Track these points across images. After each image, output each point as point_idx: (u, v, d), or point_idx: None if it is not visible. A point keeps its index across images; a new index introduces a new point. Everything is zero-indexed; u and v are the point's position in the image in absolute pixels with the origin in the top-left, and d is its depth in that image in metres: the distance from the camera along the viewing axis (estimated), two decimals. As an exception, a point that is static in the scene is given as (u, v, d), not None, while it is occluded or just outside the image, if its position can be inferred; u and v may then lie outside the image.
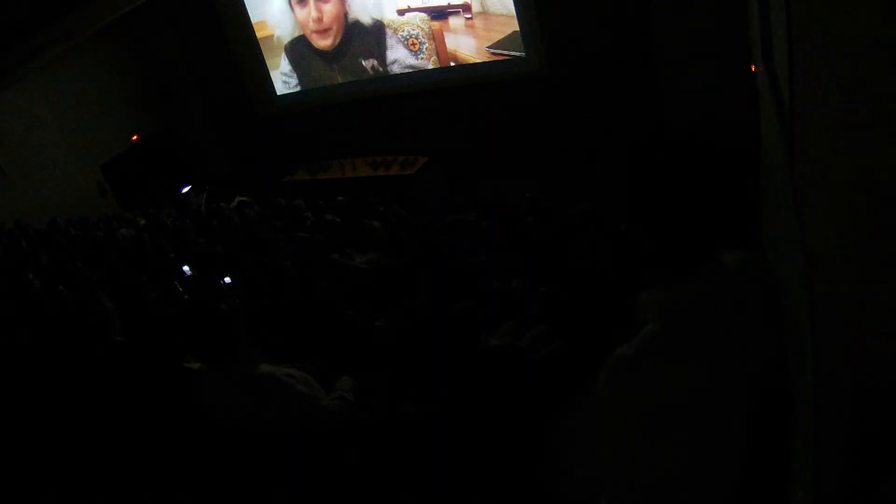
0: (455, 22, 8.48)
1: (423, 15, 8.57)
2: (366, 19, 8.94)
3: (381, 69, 9.25)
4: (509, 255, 3.99)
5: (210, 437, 2.25)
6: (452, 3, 8.31)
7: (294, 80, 10.16)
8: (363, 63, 9.35)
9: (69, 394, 2.75)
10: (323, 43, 9.40)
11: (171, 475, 2.31)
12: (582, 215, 4.77)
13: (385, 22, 8.82)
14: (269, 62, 10.11)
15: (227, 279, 4.23)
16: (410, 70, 9.07)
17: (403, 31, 8.74)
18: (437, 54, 8.74)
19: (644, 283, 1.22)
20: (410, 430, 2.19)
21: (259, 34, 9.93)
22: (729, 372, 1.20)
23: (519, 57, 8.37)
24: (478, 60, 8.60)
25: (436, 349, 2.44)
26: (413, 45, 8.80)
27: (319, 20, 9.16)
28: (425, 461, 2.13)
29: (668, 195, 1.24)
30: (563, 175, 7.36)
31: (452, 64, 8.75)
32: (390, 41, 8.94)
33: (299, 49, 9.72)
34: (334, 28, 9.22)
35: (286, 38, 9.79)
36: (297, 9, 9.33)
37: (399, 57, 9.00)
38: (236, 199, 8.71)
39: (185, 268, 4.35)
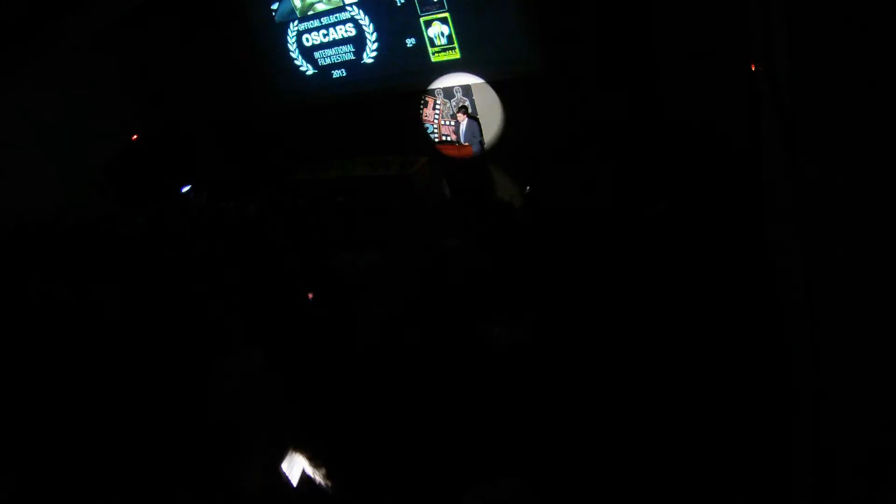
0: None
1: None
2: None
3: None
4: (507, 254, 4.00)
5: (210, 435, 2.25)
6: None
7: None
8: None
9: (66, 393, 2.75)
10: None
11: (170, 473, 2.31)
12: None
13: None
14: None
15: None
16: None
17: None
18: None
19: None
20: (410, 430, 2.20)
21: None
22: None
23: (519, 57, 8.37)
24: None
25: (436, 348, 2.44)
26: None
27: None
28: (424, 461, 2.13)
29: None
30: (562, 174, 7.36)
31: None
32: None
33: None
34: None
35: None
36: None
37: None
38: (234, 201, 8.72)
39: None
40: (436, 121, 9.05)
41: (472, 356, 2.45)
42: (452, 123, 8.87)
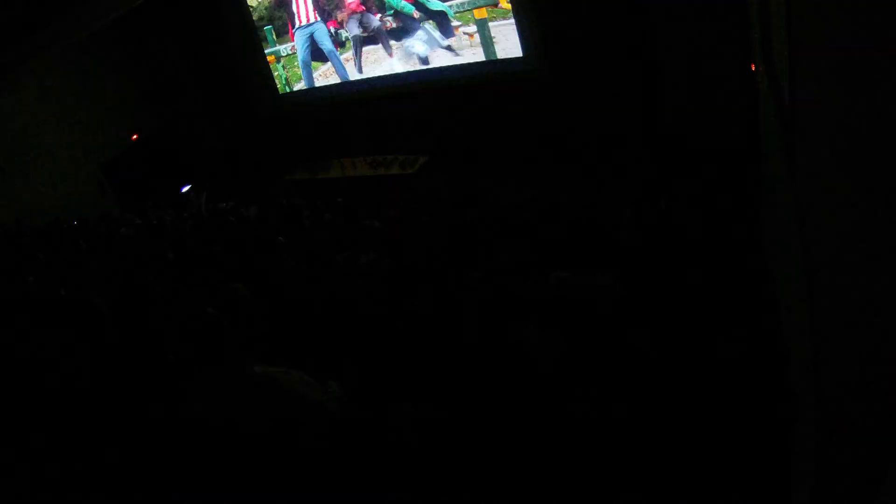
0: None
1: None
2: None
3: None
4: (508, 254, 3.99)
5: (199, 438, 2.24)
6: None
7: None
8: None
9: (65, 392, 2.75)
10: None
11: (162, 475, 2.31)
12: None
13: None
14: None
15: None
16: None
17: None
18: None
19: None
20: (410, 431, 2.19)
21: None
22: None
23: (518, 57, 8.37)
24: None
25: (436, 348, 2.44)
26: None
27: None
28: (425, 462, 2.13)
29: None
30: (563, 174, 7.36)
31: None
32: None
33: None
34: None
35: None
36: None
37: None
38: (233, 201, 8.72)
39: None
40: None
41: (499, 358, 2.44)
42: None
